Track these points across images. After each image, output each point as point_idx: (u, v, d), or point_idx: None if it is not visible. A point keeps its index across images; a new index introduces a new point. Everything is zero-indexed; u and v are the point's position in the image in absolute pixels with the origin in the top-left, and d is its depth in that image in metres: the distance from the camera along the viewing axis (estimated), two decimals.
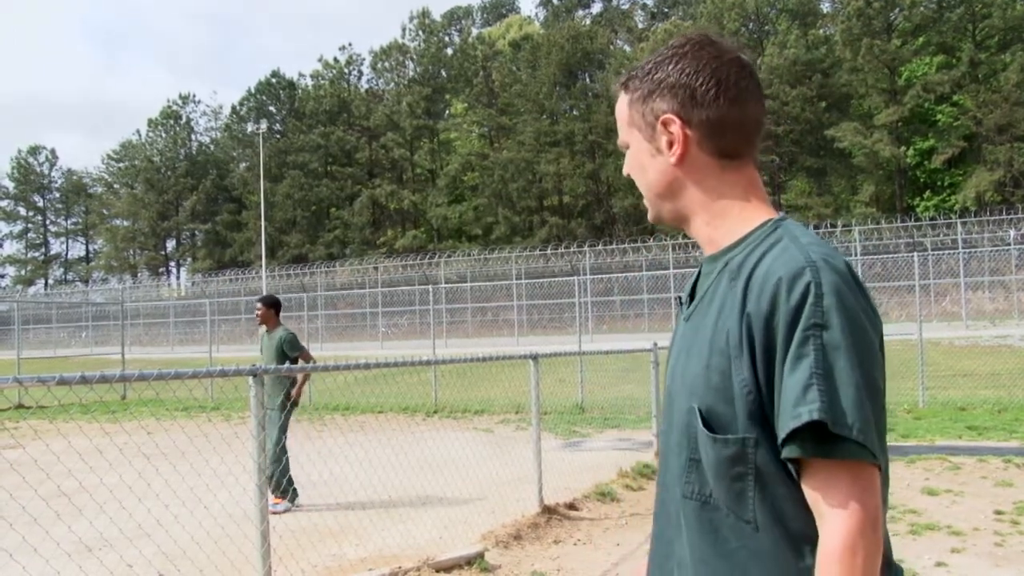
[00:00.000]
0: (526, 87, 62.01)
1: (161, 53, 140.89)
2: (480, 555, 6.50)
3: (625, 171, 1.71)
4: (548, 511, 7.84)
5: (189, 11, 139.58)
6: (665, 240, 44.90)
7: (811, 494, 1.34)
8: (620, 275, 39.93)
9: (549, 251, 47.71)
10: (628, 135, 1.66)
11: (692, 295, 1.62)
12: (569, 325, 33.10)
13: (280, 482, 8.68)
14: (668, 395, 1.59)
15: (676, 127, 1.55)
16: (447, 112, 72.20)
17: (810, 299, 1.34)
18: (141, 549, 6.77)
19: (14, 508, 8.27)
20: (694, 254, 43.60)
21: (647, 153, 1.61)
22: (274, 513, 8.40)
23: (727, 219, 1.55)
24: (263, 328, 9.53)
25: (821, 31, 58.29)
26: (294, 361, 9.14)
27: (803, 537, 1.37)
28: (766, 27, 58.85)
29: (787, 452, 1.35)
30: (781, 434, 1.34)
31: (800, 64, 53.04)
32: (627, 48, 66.93)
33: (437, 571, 6.19)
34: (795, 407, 1.31)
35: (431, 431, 14.48)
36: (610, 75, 59.27)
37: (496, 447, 12.32)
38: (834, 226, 43.93)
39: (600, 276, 40.25)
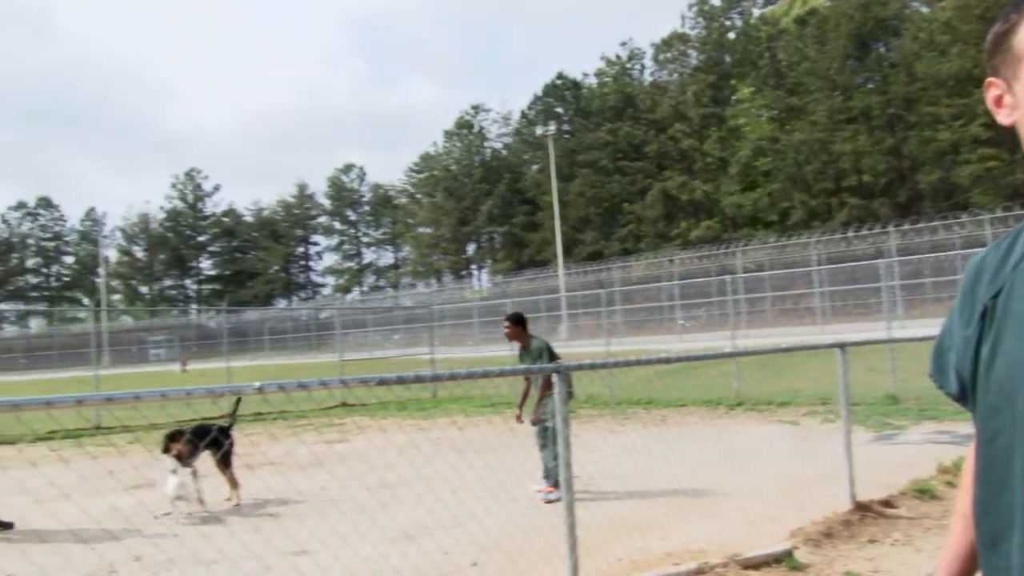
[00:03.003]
0: (815, 64, 59.38)
1: (440, 65, 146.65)
2: (789, 552, 6.29)
3: None
4: (861, 508, 7.45)
5: (459, 22, 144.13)
6: (982, 215, 41.55)
7: None
8: (930, 255, 37.36)
9: (851, 234, 45.46)
10: None
11: None
12: (875, 311, 31.42)
13: (554, 470, 8.88)
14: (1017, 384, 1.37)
15: None
16: (734, 98, 70.67)
17: None
18: (457, 538, 7.11)
19: (345, 497, 8.99)
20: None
21: None
22: (548, 502, 8.61)
23: None
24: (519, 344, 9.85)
25: None
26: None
27: None
28: None
29: None
30: None
31: None
32: (925, 10, 62.33)
33: (744, 568, 6.05)
34: None
35: (734, 424, 14.26)
36: (907, 42, 55.65)
37: (802, 440, 11.93)
38: None
39: (908, 258, 37.91)
